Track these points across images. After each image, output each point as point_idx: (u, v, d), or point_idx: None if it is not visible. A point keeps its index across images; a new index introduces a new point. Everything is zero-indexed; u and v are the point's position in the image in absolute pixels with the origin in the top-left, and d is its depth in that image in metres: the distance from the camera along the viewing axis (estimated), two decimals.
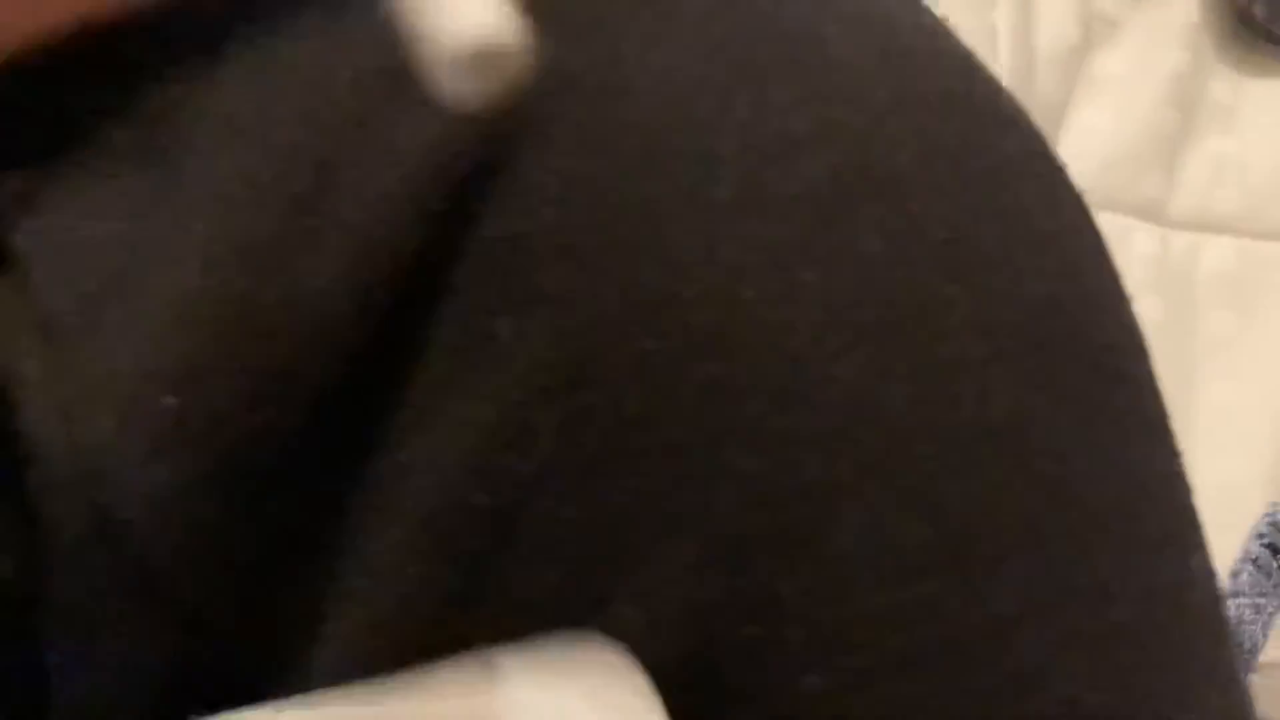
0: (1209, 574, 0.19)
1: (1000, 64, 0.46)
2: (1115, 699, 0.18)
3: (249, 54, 0.22)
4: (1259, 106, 0.50)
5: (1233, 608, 0.45)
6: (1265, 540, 0.45)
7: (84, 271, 0.21)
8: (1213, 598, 0.19)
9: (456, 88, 0.08)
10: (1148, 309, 0.45)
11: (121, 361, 0.19)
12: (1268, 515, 0.46)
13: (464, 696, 0.12)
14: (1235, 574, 0.45)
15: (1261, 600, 0.45)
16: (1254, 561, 0.45)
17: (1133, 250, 0.46)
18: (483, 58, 0.08)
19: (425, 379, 0.19)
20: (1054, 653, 0.18)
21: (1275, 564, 0.45)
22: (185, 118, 0.22)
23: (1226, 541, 0.45)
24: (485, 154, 0.19)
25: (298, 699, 0.11)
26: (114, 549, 0.19)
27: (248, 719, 0.11)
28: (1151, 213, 0.46)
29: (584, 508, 0.18)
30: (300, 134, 0.20)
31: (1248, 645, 0.45)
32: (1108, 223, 0.52)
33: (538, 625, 0.18)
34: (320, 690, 0.10)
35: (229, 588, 0.19)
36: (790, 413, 0.18)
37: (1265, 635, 0.44)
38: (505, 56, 0.09)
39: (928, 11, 0.23)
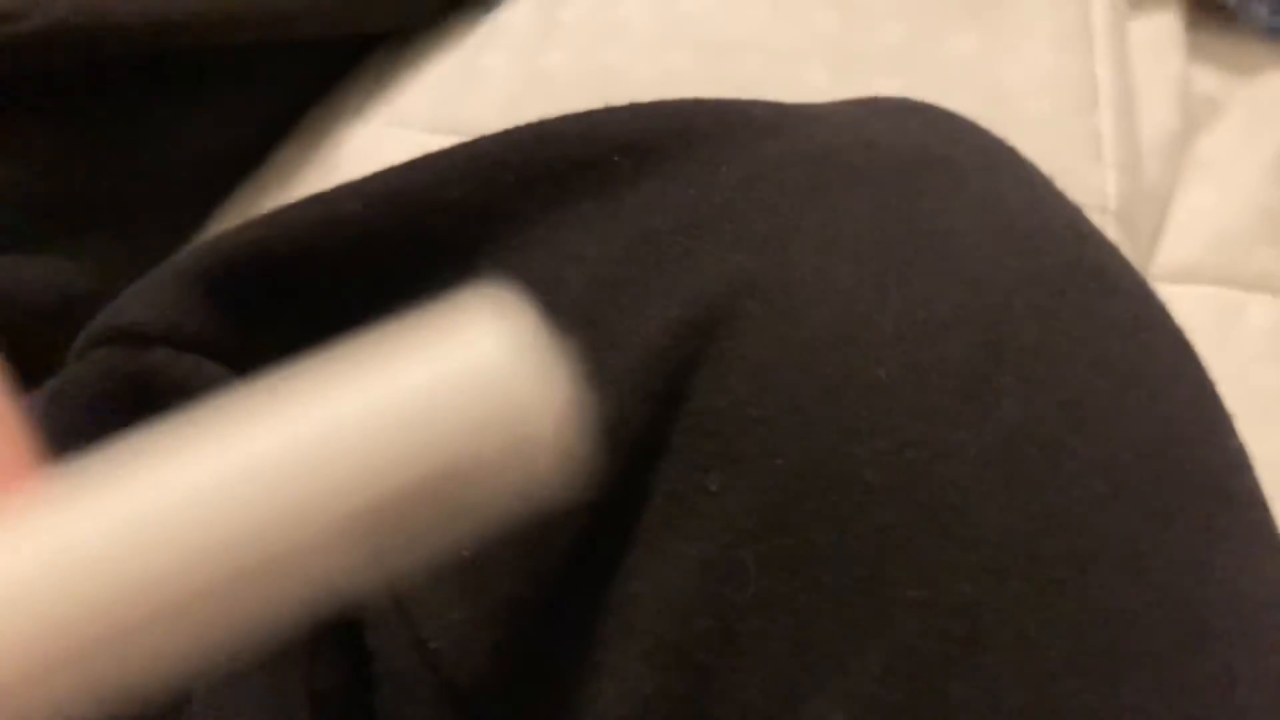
0: None
1: (1106, 163, 0.47)
2: None
3: (487, 263, 0.26)
4: None
5: None
6: None
7: None
8: None
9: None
10: (1268, 378, 0.46)
11: None
12: None
13: None
14: None
15: None
16: None
17: (1249, 323, 0.46)
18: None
19: (652, 522, 0.22)
20: None
21: None
22: None
23: None
24: (691, 344, 0.23)
25: None
26: (428, 671, 0.23)
27: None
28: (1264, 285, 0.46)
29: (788, 628, 0.21)
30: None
31: None
32: (1222, 298, 0.54)
33: None
34: None
35: (508, 695, 0.23)
36: (951, 550, 0.20)
37: None
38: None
39: (1039, 180, 0.26)
